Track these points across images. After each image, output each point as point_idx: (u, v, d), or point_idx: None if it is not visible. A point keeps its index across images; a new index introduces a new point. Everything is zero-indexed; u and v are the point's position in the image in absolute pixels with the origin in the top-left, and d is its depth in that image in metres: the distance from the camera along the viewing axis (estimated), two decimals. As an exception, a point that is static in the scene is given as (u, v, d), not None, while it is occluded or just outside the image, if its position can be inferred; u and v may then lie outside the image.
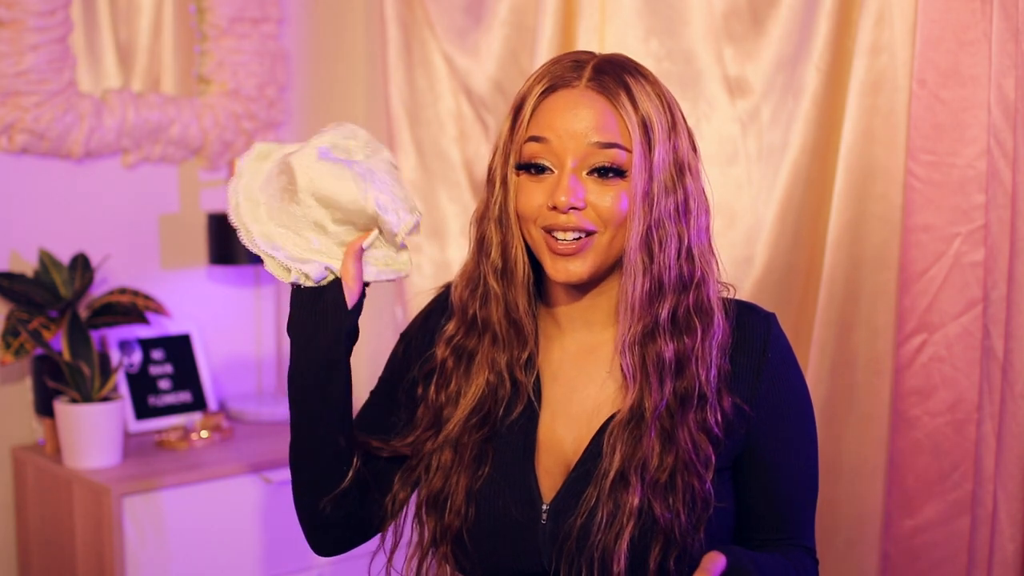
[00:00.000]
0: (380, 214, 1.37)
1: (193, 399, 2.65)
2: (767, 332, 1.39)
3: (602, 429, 1.37)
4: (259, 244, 1.39)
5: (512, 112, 1.37)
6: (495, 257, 1.38)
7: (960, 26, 1.97)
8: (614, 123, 1.32)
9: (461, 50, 2.64)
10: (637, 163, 1.32)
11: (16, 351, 2.31)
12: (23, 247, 2.48)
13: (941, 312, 2.05)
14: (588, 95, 1.33)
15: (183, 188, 2.70)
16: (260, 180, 1.41)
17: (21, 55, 2.39)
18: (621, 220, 1.33)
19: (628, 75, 1.35)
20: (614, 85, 1.33)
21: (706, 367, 1.34)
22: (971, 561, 2.01)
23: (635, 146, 1.32)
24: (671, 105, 1.37)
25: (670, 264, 1.33)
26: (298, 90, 2.87)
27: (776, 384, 1.39)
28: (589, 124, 1.32)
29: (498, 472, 1.39)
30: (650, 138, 1.32)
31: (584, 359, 1.41)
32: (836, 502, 2.17)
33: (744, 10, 2.26)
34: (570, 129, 1.32)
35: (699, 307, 1.35)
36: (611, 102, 1.33)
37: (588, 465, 1.36)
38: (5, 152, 2.45)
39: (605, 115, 1.32)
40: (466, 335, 1.42)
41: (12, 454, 2.47)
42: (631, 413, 1.34)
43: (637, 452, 1.33)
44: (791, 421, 1.41)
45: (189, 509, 2.29)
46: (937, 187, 2.03)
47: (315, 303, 1.39)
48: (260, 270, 2.83)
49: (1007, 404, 1.91)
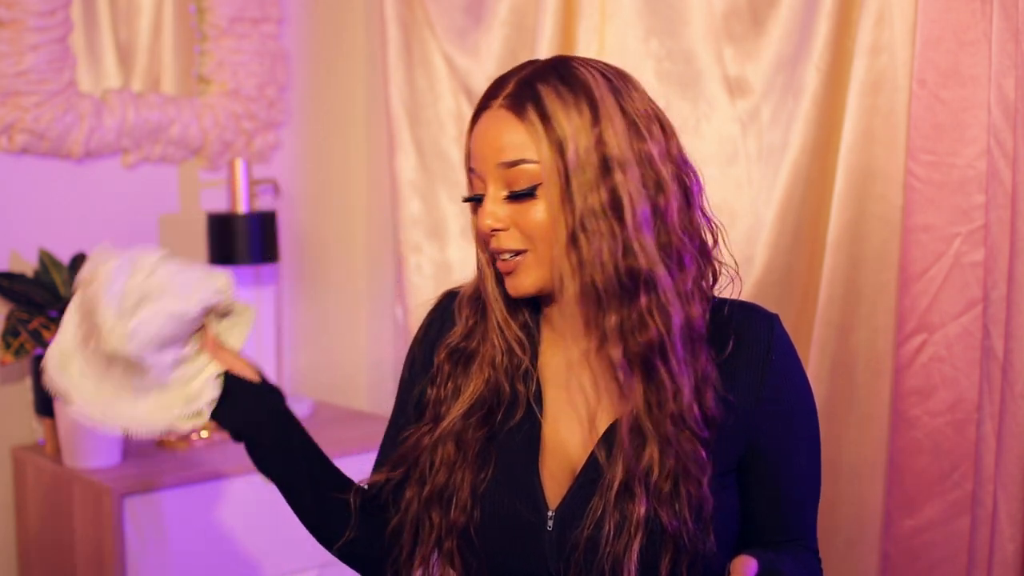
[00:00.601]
0: (206, 305, 1.43)
1: (193, 399, 2.65)
2: (770, 333, 1.37)
3: (604, 437, 1.36)
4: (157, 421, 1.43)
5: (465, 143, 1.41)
6: (479, 277, 1.43)
7: (960, 26, 1.97)
8: (520, 138, 1.31)
9: (461, 50, 2.64)
10: (547, 171, 1.29)
11: (16, 351, 2.31)
12: (23, 247, 2.48)
13: (941, 312, 2.05)
14: (499, 115, 1.33)
15: (183, 188, 2.70)
16: (82, 361, 1.45)
17: (21, 55, 2.39)
18: (544, 233, 1.31)
19: (542, 81, 1.32)
20: (523, 97, 1.32)
21: (677, 366, 1.31)
22: (971, 561, 2.01)
23: (543, 154, 1.29)
24: (597, 97, 1.31)
25: (603, 262, 1.29)
26: (298, 90, 2.87)
27: (780, 386, 1.37)
28: (494, 146, 1.32)
29: (503, 474, 1.38)
30: (561, 141, 1.29)
31: (583, 365, 1.40)
32: (836, 502, 2.17)
33: (744, 10, 2.26)
34: (483, 155, 1.33)
35: (652, 307, 1.31)
36: (518, 116, 1.31)
37: (592, 474, 1.35)
38: (5, 152, 2.45)
39: (511, 132, 1.31)
40: (466, 339, 1.43)
41: (12, 454, 2.47)
42: (630, 421, 1.33)
43: (639, 461, 1.31)
44: (796, 423, 1.40)
45: (189, 509, 2.29)
46: (937, 187, 2.03)
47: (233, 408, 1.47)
48: (260, 270, 2.83)
49: (1007, 404, 1.91)
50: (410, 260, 2.67)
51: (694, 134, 2.32)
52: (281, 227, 2.78)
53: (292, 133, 2.86)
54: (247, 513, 2.36)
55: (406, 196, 2.67)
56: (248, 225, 2.62)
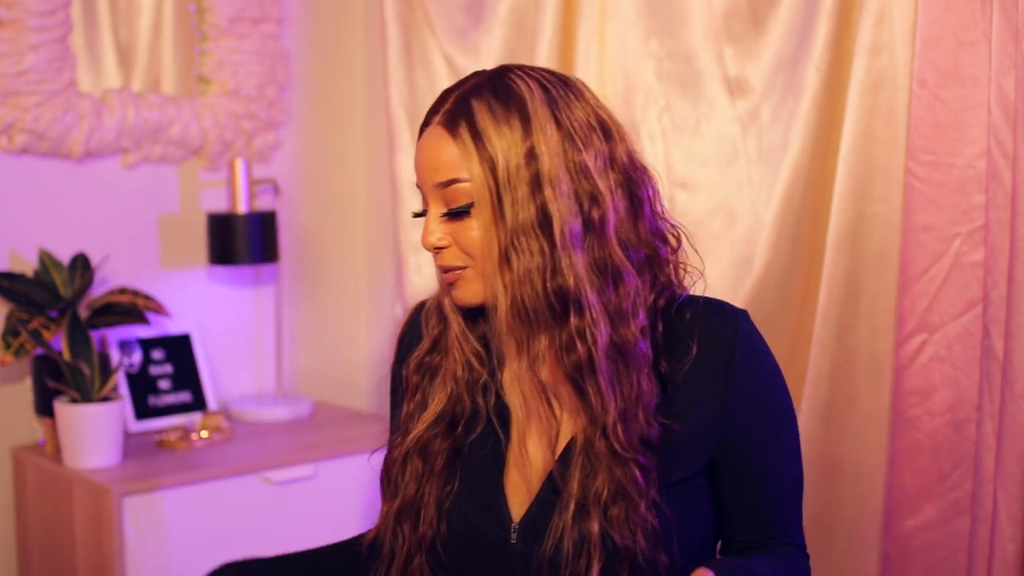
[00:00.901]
0: None
1: (193, 399, 2.65)
2: (735, 332, 1.34)
3: (563, 453, 1.35)
4: None
5: None
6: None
7: (960, 26, 1.97)
8: (453, 157, 1.30)
9: (461, 50, 2.64)
10: (479, 189, 1.28)
11: (16, 351, 2.31)
12: (23, 247, 2.48)
13: (941, 312, 2.05)
14: (435, 132, 1.33)
15: (183, 188, 2.70)
16: None
17: (21, 55, 2.39)
18: (482, 249, 1.31)
19: (476, 97, 1.30)
20: (457, 115, 1.31)
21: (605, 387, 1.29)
22: (971, 561, 2.01)
23: (474, 173, 1.29)
24: (530, 110, 1.29)
25: (531, 281, 1.28)
26: (298, 90, 2.87)
27: (747, 385, 1.35)
28: (430, 166, 1.33)
29: (467, 488, 1.38)
30: (492, 159, 1.28)
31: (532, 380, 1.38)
32: (836, 502, 2.17)
33: (744, 10, 2.26)
34: (422, 174, 1.35)
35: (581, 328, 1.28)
36: (451, 134, 1.30)
37: (551, 490, 1.34)
38: (5, 152, 2.45)
39: (445, 151, 1.31)
40: (431, 352, 1.44)
41: (12, 454, 2.47)
42: (583, 439, 1.32)
43: (593, 479, 1.31)
44: (768, 419, 1.38)
45: (189, 509, 2.29)
46: (937, 187, 2.03)
47: None
48: (260, 270, 2.83)
49: (1007, 404, 1.91)
50: (410, 260, 2.68)
51: (694, 134, 2.32)
52: (281, 227, 2.78)
53: (292, 133, 2.86)
54: (247, 513, 2.36)
55: (406, 196, 2.67)
56: (248, 225, 2.62)
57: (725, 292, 2.29)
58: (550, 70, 1.36)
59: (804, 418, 2.16)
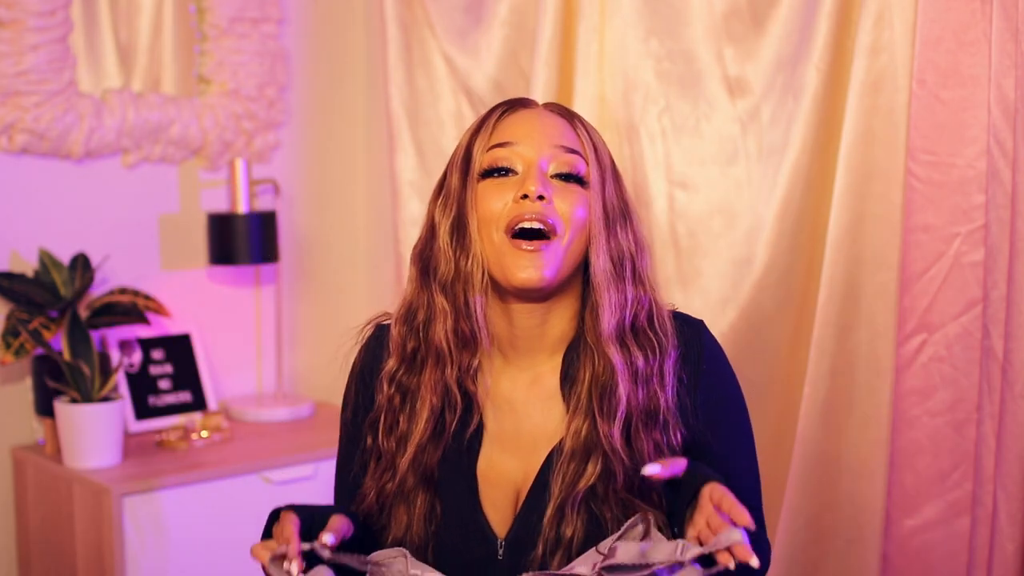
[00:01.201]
0: None
1: (193, 399, 2.65)
2: (699, 342, 1.44)
3: (549, 458, 1.38)
4: None
5: (468, 138, 1.43)
6: (444, 273, 1.40)
7: (960, 26, 1.97)
8: (574, 136, 1.41)
9: (461, 50, 2.64)
10: (595, 177, 1.40)
11: (16, 351, 2.31)
12: (23, 247, 2.48)
13: (941, 312, 2.05)
14: (547, 113, 1.43)
15: (183, 188, 2.70)
16: None
17: (21, 55, 2.39)
18: (580, 225, 1.38)
19: (577, 114, 1.45)
20: (568, 113, 1.44)
21: (664, 388, 1.39)
22: (971, 561, 2.01)
23: (591, 164, 1.40)
24: (611, 153, 1.45)
25: (628, 282, 1.40)
26: (298, 90, 2.87)
27: (712, 390, 1.43)
28: (553, 132, 1.40)
29: (448, 517, 1.40)
30: (600, 162, 1.41)
31: (529, 389, 1.42)
32: (836, 502, 2.17)
33: (744, 10, 2.26)
34: (536, 133, 1.39)
35: (654, 327, 1.40)
36: (568, 122, 1.42)
37: (539, 497, 1.37)
38: (5, 152, 2.45)
39: (565, 128, 1.41)
40: (408, 370, 1.43)
41: (12, 454, 2.47)
42: (578, 440, 1.37)
43: (581, 482, 1.35)
44: (729, 419, 1.45)
45: (189, 509, 2.29)
46: (937, 187, 2.03)
47: None
48: (260, 270, 2.83)
49: (1007, 404, 1.91)
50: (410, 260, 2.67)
51: (694, 134, 2.32)
52: (281, 227, 2.78)
53: (292, 133, 2.86)
54: (247, 513, 2.36)
55: (406, 196, 2.67)
56: (248, 225, 2.62)
57: (725, 292, 2.29)
58: None
59: (804, 418, 2.16)
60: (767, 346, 2.27)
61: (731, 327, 2.27)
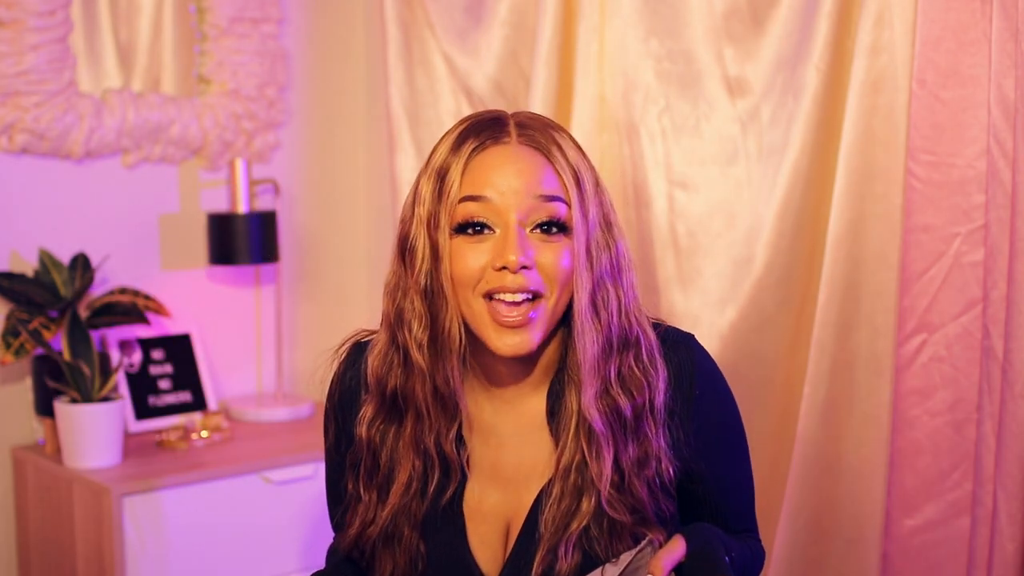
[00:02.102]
0: None
1: (193, 399, 2.65)
2: (691, 364, 1.36)
3: (539, 498, 1.34)
4: None
5: (435, 177, 1.30)
6: (418, 332, 1.30)
7: (960, 26, 1.97)
8: (552, 176, 1.28)
9: (461, 50, 2.64)
10: (577, 218, 1.28)
11: (16, 351, 2.31)
12: (23, 247, 2.48)
13: (941, 312, 2.05)
14: (523, 150, 1.29)
15: (183, 188, 2.70)
16: None
17: (21, 55, 2.39)
18: (566, 279, 1.28)
19: (553, 131, 1.32)
20: (545, 140, 1.30)
21: (655, 427, 1.32)
22: (971, 561, 2.01)
23: (573, 200, 1.28)
24: (590, 161, 1.34)
25: (613, 323, 1.30)
26: (298, 90, 2.87)
27: (706, 415, 1.37)
28: (531, 178, 1.27)
29: (435, 559, 1.35)
30: (583, 192, 1.29)
31: (515, 421, 1.37)
32: (836, 502, 2.17)
33: (744, 10, 2.26)
34: (512, 185, 1.27)
35: (642, 364, 1.32)
36: (546, 156, 1.29)
37: (529, 537, 1.33)
38: (5, 152, 2.45)
39: (543, 169, 1.28)
40: (387, 418, 1.36)
41: (12, 454, 2.47)
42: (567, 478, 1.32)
43: (573, 523, 1.31)
44: (726, 438, 1.41)
45: (189, 509, 2.29)
46: (937, 187, 2.03)
47: None
48: (260, 270, 2.83)
49: (1007, 404, 1.91)
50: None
51: (694, 134, 2.32)
52: (281, 227, 2.78)
53: (292, 133, 2.86)
54: (247, 513, 2.36)
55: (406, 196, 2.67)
56: (248, 225, 2.62)
57: (725, 292, 2.29)
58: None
59: (804, 418, 2.16)
60: (767, 346, 2.27)
61: (731, 327, 2.27)
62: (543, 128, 1.31)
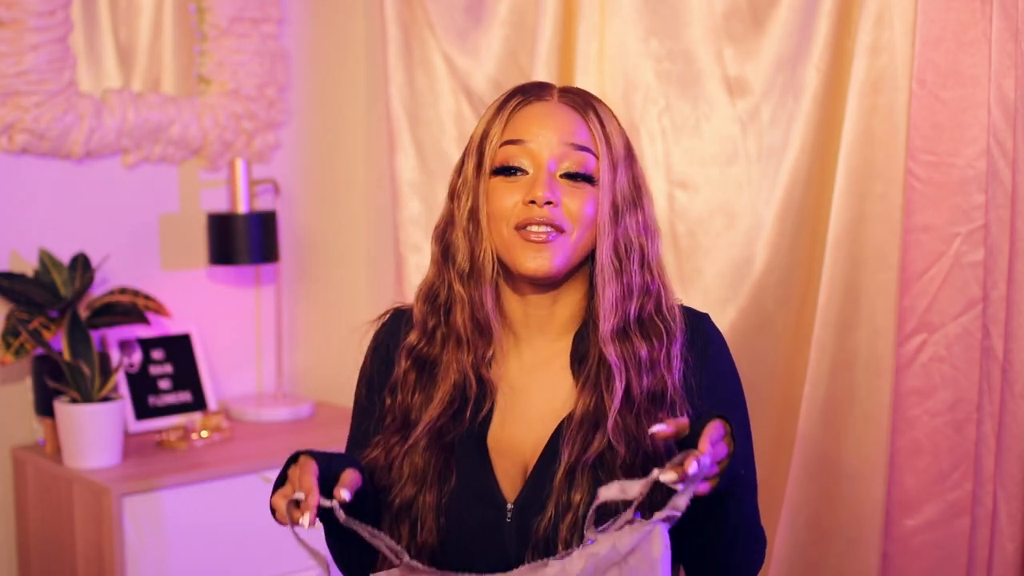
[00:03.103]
0: None
1: (193, 399, 2.65)
2: (705, 332, 1.48)
3: (559, 429, 1.43)
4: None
5: (483, 128, 1.46)
6: (461, 262, 1.45)
7: (960, 26, 1.97)
8: (585, 130, 1.44)
9: (461, 50, 2.64)
10: (605, 173, 1.42)
11: (16, 351, 2.31)
12: (23, 247, 2.48)
13: (941, 312, 2.05)
14: (561, 107, 1.45)
15: (183, 188, 2.70)
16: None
17: (21, 55, 2.39)
18: (588, 222, 1.42)
19: (594, 100, 1.47)
20: (583, 103, 1.46)
21: (671, 371, 1.43)
22: (971, 561, 2.01)
23: (602, 157, 1.43)
24: (626, 134, 1.48)
25: (635, 271, 1.44)
26: (298, 90, 2.87)
27: (714, 376, 1.47)
28: (565, 128, 1.43)
29: (461, 483, 1.44)
30: (612, 152, 1.43)
31: (540, 368, 1.48)
32: (836, 502, 2.17)
33: (744, 10, 2.26)
34: (547, 132, 1.43)
35: (661, 313, 1.44)
36: (582, 115, 1.44)
37: (547, 465, 1.41)
38: (5, 152, 2.45)
39: (578, 123, 1.44)
40: (428, 344, 1.48)
41: (12, 454, 2.47)
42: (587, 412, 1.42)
43: (590, 449, 1.40)
44: (733, 402, 1.48)
45: (189, 509, 2.29)
46: (937, 187, 2.03)
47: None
48: (260, 269, 2.83)
49: (1007, 404, 1.91)
50: (410, 260, 2.68)
51: (694, 134, 2.32)
52: (281, 227, 2.78)
53: (292, 133, 2.86)
54: (247, 513, 2.36)
55: (406, 196, 2.67)
56: (248, 225, 2.62)
57: (725, 292, 2.29)
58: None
59: (804, 418, 2.16)
60: (767, 346, 2.27)
61: (731, 327, 2.27)
62: (584, 95, 1.47)
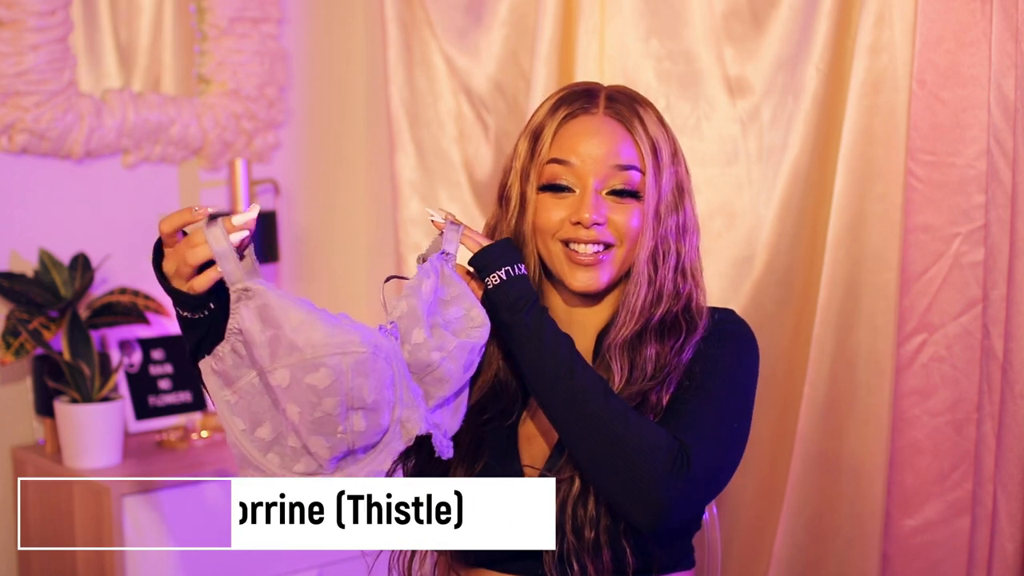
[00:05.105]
0: None
1: (193, 399, 2.65)
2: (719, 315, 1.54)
3: None
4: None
5: (531, 136, 1.51)
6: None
7: (960, 26, 1.97)
8: (630, 147, 1.48)
9: (461, 50, 2.64)
10: (650, 184, 1.47)
11: (16, 351, 2.31)
12: (23, 247, 2.48)
13: (941, 312, 2.05)
14: (607, 122, 1.49)
15: (183, 188, 2.70)
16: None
17: (21, 55, 2.39)
18: (634, 236, 1.48)
19: (638, 105, 1.50)
20: (628, 113, 1.49)
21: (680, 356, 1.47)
22: (971, 561, 2.01)
23: (648, 169, 1.47)
24: (672, 134, 1.53)
25: (668, 277, 1.49)
26: (298, 90, 2.87)
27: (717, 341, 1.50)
28: (609, 149, 1.47)
29: (492, 460, 1.50)
30: (659, 162, 1.48)
31: None
32: (836, 502, 2.17)
33: (744, 10, 2.26)
34: (593, 153, 1.47)
35: (688, 312, 1.50)
36: (627, 128, 1.48)
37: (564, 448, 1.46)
38: (5, 152, 2.45)
39: (623, 140, 1.48)
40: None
41: (12, 454, 2.47)
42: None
43: None
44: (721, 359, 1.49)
45: (189, 509, 2.29)
46: (937, 187, 2.03)
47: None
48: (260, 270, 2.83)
49: (1007, 404, 1.91)
50: (410, 260, 2.68)
51: (694, 134, 2.32)
52: (281, 227, 2.78)
53: (292, 133, 2.86)
54: (247, 513, 2.36)
55: (406, 196, 2.67)
56: (248, 225, 2.62)
57: (725, 292, 2.29)
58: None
59: (804, 418, 2.16)
60: (767, 346, 2.26)
61: (731, 327, 2.27)
62: (629, 102, 1.51)
